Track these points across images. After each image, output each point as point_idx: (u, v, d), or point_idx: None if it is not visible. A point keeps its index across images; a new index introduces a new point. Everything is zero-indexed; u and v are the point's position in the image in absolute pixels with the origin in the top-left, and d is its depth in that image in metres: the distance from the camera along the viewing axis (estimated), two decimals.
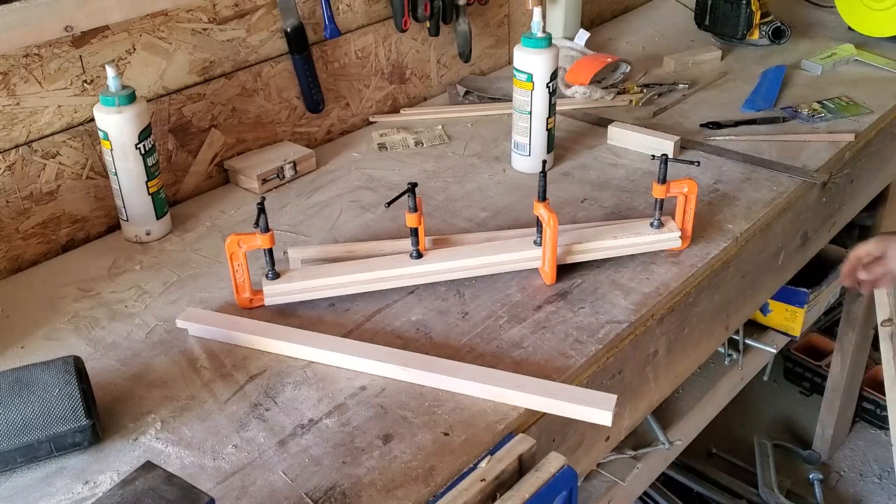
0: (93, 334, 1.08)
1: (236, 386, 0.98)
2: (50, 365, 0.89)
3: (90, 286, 1.18)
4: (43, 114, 1.21)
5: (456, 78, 1.80)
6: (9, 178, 1.20)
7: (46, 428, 0.85)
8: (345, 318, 1.09)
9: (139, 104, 1.21)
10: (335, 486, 0.85)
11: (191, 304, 1.13)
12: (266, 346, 1.04)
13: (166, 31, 1.31)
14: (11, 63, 1.16)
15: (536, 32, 1.37)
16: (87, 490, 0.85)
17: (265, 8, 1.43)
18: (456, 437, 0.90)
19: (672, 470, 1.90)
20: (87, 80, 1.24)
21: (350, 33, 1.57)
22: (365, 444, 0.90)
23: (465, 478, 0.85)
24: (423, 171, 1.47)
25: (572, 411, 0.93)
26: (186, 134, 1.39)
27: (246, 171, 1.42)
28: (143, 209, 1.26)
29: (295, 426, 0.92)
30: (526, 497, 0.84)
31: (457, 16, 1.70)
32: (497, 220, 1.31)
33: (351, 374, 1.00)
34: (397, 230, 1.26)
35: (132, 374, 1.01)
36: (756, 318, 1.87)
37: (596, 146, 1.53)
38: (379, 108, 1.68)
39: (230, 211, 1.37)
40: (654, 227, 1.20)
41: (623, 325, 1.07)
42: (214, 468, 0.87)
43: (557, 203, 1.20)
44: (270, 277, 1.10)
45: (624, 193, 1.37)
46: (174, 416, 0.94)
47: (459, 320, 1.09)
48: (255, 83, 1.45)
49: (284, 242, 1.25)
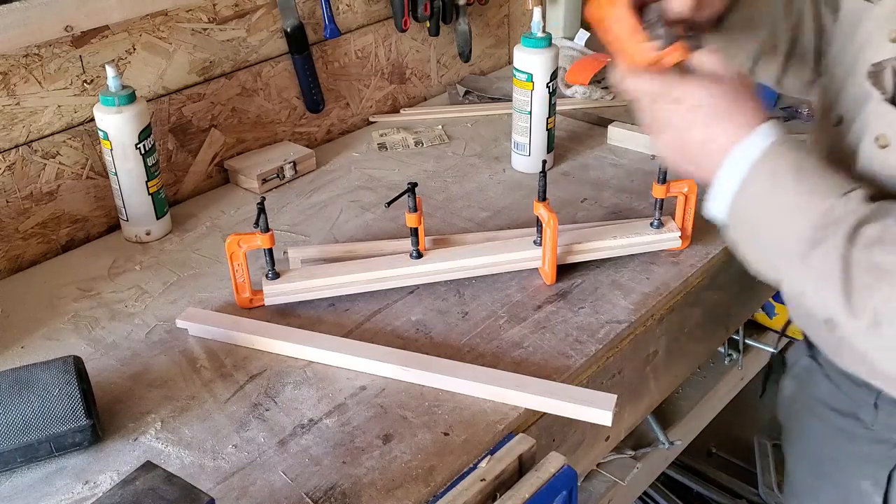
0: (93, 334, 1.08)
1: (236, 386, 0.98)
2: (50, 365, 0.89)
3: (90, 286, 1.18)
4: (43, 114, 1.21)
5: (456, 78, 1.80)
6: (9, 178, 1.20)
7: (46, 428, 0.85)
8: (345, 318, 1.09)
9: (139, 104, 1.21)
10: (335, 486, 0.85)
11: (191, 304, 1.13)
12: (266, 346, 1.04)
13: (166, 31, 1.31)
14: (11, 63, 1.16)
15: (536, 32, 1.37)
16: (87, 490, 0.85)
17: (265, 8, 1.43)
18: (456, 436, 0.90)
19: (672, 470, 1.90)
20: (87, 80, 1.24)
21: (350, 33, 1.57)
22: (365, 444, 0.90)
23: (465, 478, 0.85)
24: (423, 171, 1.47)
25: (572, 411, 0.93)
26: (186, 134, 1.39)
27: (246, 171, 1.42)
28: (143, 209, 1.26)
29: (295, 426, 0.92)
30: (526, 497, 0.84)
31: (457, 16, 1.70)
32: (497, 220, 1.31)
33: (351, 374, 1.00)
34: (397, 230, 1.26)
35: (132, 374, 1.01)
36: (762, 321, 1.87)
37: (596, 146, 1.53)
38: (379, 108, 1.68)
39: (230, 211, 1.37)
40: (654, 227, 1.20)
41: (623, 325, 1.07)
42: (214, 468, 0.87)
43: (557, 203, 1.20)
44: (270, 277, 1.10)
45: (624, 193, 1.37)
46: (174, 416, 0.94)
47: (459, 320, 1.09)
48: (255, 83, 1.45)
49: (284, 242, 1.25)
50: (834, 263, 0.77)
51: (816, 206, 0.78)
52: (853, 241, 0.76)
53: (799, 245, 0.79)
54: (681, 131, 0.87)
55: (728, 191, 0.83)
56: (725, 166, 0.84)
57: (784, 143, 0.83)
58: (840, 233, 0.76)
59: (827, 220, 0.77)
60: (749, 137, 0.83)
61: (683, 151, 0.88)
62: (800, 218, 0.79)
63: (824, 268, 0.78)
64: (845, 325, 0.79)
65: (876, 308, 0.75)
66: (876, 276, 0.75)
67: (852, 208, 0.77)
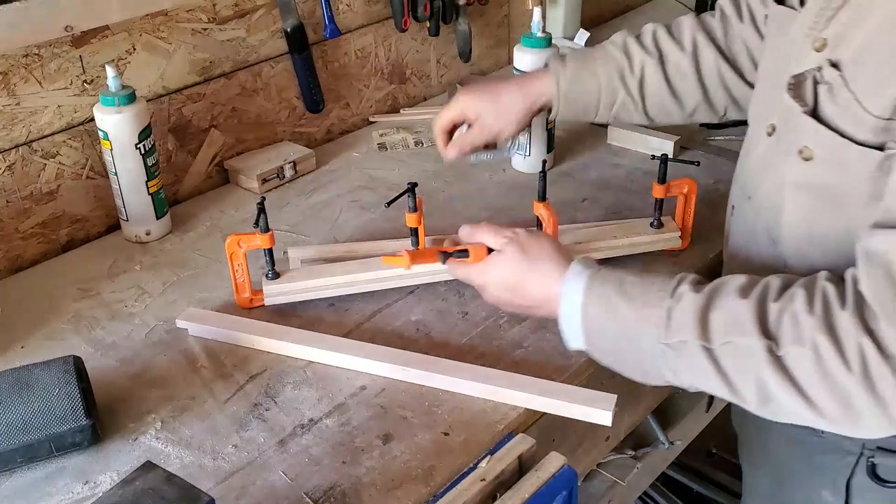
0: (93, 334, 1.08)
1: (236, 386, 0.98)
2: (50, 365, 0.89)
3: (90, 286, 1.18)
4: (43, 114, 1.21)
5: (456, 78, 1.80)
6: (9, 178, 1.20)
7: (46, 428, 0.85)
8: (345, 318, 1.09)
9: (139, 104, 1.21)
10: (335, 485, 0.85)
11: (191, 303, 1.13)
12: (266, 346, 1.03)
13: (166, 30, 1.31)
14: (11, 63, 1.16)
15: (536, 32, 1.37)
16: (87, 490, 0.85)
17: (265, 8, 1.43)
18: (456, 437, 0.90)
19: (672, 470, 1.90)
20: (87, 80, 1.24)
21: (350, 33, 1.57)
22: (365, 444, 0.90)
23: (465, 478, 0.85)
24: (424, 170, 1.47)
25: (572, 411, 0.93)
26: (186, 134, 1.39)
27: (246, 171, 1.42)
28: (142, 209, 1.26)
29: (295, 426, 0.92)
30: (526, 497, 0.84)
31: (457, 16, 1.69)
32: (497, 221, 1.30)
33: (351, 374, 1.00)
34: (397, 230, 1.26)
35: (132, 374, 1.01)
36: None
37: (596, 146, 1.53)
38: (379, 108, 1.68)
39: (230, 211, 1.37)
40: (654, 227, 1.20)
41: None
42: (214, 468, 0.87)
43: (557, 203, 1.20)
44: (270, 277, 1.10)
45: (624, 193, 1.37)
46: (174, 416, 0.94)
47: (459, 320, 1.08)
48: (254, 83, 1.45)
49: (284, 242, 1.25)
50: (702, 363, 0.81)
51: (656, 317, 0.83)
52: (707, 336, 0.80)
53: (664, 358, 0.83)
54: (510, 301, 0.97)
55: (576, 328, 0.89)
56: (562, 315, 0.90)
57: (598, 272, 0.90)
58: (691, 333, 0.81)
59: (671, 325, 0.82)
60: (565, 284, 0.90)
61: (523, 308, 0.97)
62: (646, 334, 0.84)
63: (698, 369, 0.82)
64: (744, 405, 0.83)
65: (757, 387, 0.79)
66: (743, 358, 0.79)
67: (688, 305, 0.82)
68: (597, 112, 1.19)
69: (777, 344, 0.77)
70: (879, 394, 0.74)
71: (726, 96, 1.17)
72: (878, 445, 0.96)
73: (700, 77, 1.16)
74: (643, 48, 1.17)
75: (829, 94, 0.84)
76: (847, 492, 1.00)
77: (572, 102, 1.17)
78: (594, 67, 1.16)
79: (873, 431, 0.77)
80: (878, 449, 0.96)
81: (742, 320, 0.79)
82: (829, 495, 1.02)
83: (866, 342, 0.73)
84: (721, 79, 1.16)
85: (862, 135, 0.81)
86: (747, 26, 1.13)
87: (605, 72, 1.16)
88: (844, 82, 0.83)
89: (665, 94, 1.17)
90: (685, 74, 1.16)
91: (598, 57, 1.18)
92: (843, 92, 0.83)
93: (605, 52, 1.18)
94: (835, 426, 0.79)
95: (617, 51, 1.17)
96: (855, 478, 0.99)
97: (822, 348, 0.75)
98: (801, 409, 0.78)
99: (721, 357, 0.80)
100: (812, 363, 0.75)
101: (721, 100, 1.17)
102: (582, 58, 1.18)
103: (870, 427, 0.77)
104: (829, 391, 0.75)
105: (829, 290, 0.77)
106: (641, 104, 1.18)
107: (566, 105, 1.17)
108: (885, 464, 0.96)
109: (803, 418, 0.79)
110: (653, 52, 1.16)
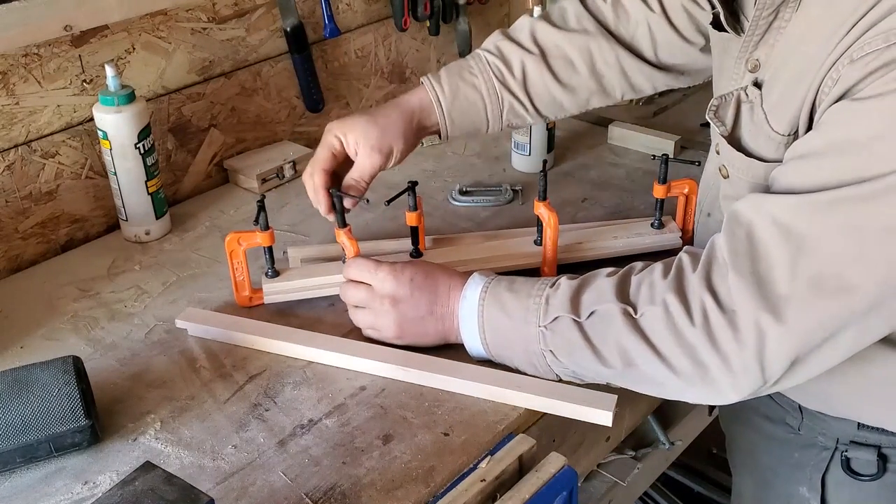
0: (92, 334, 1.08)
1: (236, 386, 0.98)
2: (49, 365, 0.88)
3: (89, 286, 1.18)
4: (42, 113, 1.21)
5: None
6: (8, 178, 1.20)
7: (46, 428, 0.85)
8: (345, 318, 1.08)
9: (138, 104, 1.21)
10: (335, 486, 0.85)
11: (190, 303, 1.12)
12: (266, 346, 1.03)
13: (166, 30, 1.31)
14: (11, 62, 1.15)
15: None
16: (87, 490, 0.85)
17: (265, 7, 1.42)
18: (456, 437, 0.90)
19: (672, 470, 1.90)
20: (86, 80, 1.24)
21: (350, 32, 1.57)
22: (365, 445, 0.89)
23: (465, 478, 0.85)
24: (424, 170, 1.46)
25: (572, 411, 0.93)
26: (186, 133, 1.39)
27: (245, 171, 1.42)
28: (142, 209, 1.26)
29: (295, 426, 0.92)
30: (526, 497, 0.84)
31: (457, 15, 1.69)
32: (497, 220, 1.31)
33: (351, 374, 0.99)
34: (397, 230, 1.26)
35: (132, 374, 1.01)
36: None
37: (596, 146, 1.53)
38: None
39: (230, 211, 1.37)
40: (654, 228, 1.20)
41: None
42: (214, 468, 0.87)
43: (557, 203, 1.20)
44: (270, 276, 1.10)
45: (624, 193, 1.37)
46: (174, 417, 0.94)
47: None
48: (254, 82, 1.45)
49: (284, 242, 1.25)
50: (573, 335, 0.87)
51: (535, 305, 0.90)
52: (577, 311, 0.87)
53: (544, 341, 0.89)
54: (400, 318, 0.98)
55: (474, 331, 0.94)
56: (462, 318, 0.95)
57: (494, 279, 0.95)
58: (563, 310, 0.88)
59: (549, 310, 0.89)
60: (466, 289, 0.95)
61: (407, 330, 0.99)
62: (529, 322, 0.90)
63: (570, 343, 0.88)
64: (611, 379, 0.90)
65: (619, 352, 0.85)
66: (605, 324, 0.85)
67: (563, 290, 0.89)
68: (488, 124, 1.14)
69: (634, 309, 0.84)
70: (721, 346, 0.79)
71: (624, 82, 1.16)
72: (851, 440, 0.98)
73: (593, 67, 1.13)
74: (520, 47, 1.13)
75: (750, 112, 0.89)
76: (822, 487, 1.02)
77: (458, 120, 1.12)
78: (472, 79, 1.12)
79: (724, 391, 0.81)
80: (852, 443, 0.99)
81: (604, 291, 0.87)
82: (805, 491, 1.04)
83: (707, 297, 0.80)
84: (619, 66, 1.14)
85: (771, 154, 0.87)
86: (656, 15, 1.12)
87: (485, 80, 1.12)
88: (761, 101, 0.88)
89: (555, 89, 1.14)
90: (575, 66, 1.13)
91: (474, 66, 1.13)
92: (758, 111, 0.88)
93: (479, 60, 1.14)
94: (691, 388, 0.83)
95: (492, 56, 1.13)
96: (830, 473, 1.01)
97: (671, 306, 0.81)
98: (658, 369, 0.83)
99: (588, 327, 0.86)
100: (663, 321, 0.82)
101: (617, 86, 1.16)
102: (458, 71, 1.14)
103: (720, 385, 0.81)
104: (678, 347, 0.81)
105: (685, 259, 0.85)
106: (531, 104, 1.14)
107: (453, 124, 1.12)
108: (858, 457, 0.99)
109: (662, 384, 0.84)
110: (532, 50, 1.12)
